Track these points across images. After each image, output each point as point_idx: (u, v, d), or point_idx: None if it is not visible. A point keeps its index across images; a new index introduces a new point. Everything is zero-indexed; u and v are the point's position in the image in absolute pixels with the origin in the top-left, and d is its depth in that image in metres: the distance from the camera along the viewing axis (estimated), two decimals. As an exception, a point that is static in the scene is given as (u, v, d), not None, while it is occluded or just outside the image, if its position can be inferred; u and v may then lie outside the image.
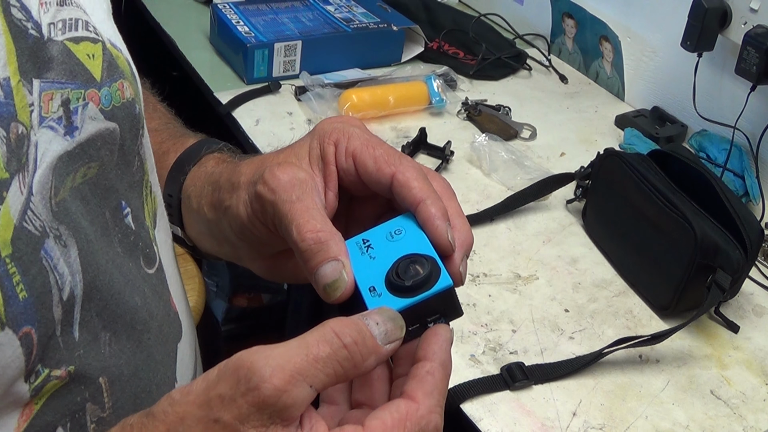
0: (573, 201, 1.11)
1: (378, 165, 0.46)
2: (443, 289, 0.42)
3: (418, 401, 0.39)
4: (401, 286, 0.42)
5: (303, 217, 0.44)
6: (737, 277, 0.88)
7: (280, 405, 0.36)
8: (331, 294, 0.43)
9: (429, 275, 0.42)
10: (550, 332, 0.89)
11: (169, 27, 1.49)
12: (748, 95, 1.11)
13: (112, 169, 0.46)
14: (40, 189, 0.39)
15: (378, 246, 0.45)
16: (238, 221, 0.49)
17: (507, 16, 1.62)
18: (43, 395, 0.40)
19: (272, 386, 0.35)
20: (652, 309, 0.95)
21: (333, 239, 0.43)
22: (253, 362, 0.36)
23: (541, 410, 0.80)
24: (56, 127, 0.40)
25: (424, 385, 0.40)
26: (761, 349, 0.91)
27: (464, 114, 1.31)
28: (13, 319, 0.36)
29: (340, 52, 1.38)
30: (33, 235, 0.38)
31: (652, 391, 0.83)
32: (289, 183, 0.45)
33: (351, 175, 0.48)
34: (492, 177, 1.16)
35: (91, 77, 0.43)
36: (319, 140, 0.48)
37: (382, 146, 0.47)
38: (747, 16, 1.11)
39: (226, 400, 0.36)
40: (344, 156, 0.47)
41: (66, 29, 0.43)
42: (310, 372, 0.37)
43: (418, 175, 0.46)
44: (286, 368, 0.36)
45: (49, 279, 0.38)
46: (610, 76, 1.45)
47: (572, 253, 1.03)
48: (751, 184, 1.13)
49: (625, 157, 1.00)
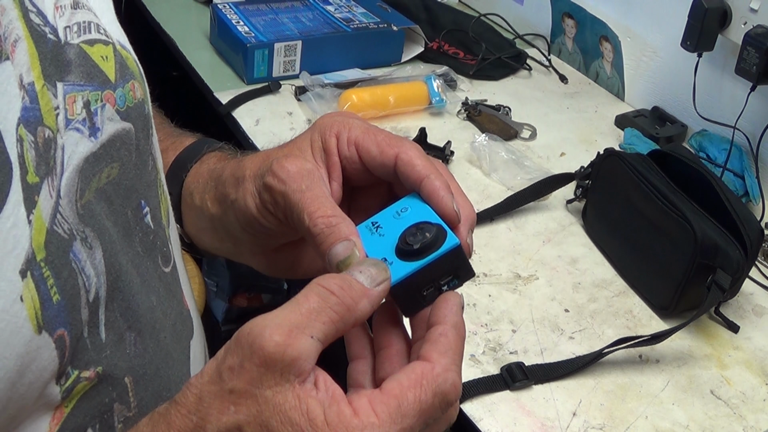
0: (573, 201, 1.11)
1: (381, 148, 0.48)
2: (451, 248, 0.43)
3: (433, 361, 0.40)
4: (410, 250, 0.43)
5: (314, 205, 0.45)
6: (737, 277, 0.88)
7: (287, 359, 0.36)
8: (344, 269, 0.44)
9: (436, 237, 0.43)
10: (550, 332, 0.89)
11: (169, 27, 1.49)
12: (748, 95, 1.11)
13: (131, 169, 0.47)
14: (67, 192, 0.40)
15: (386, 225, 0.46)
16: (245, 214, 0.50)
17: (507, 16, 1.62)
18: (74, 397, 0.40)
19: (274, 343, 0.36)
20: (652, 309, 0.95)
21: (344, 222, 0.45)
22: (252, 328, 0.37)
23: (541, 410, 0.80)
24: (82, 129, 0.41)
25: (437, 346, 0.41)
26: (761, 349, 0.91)
27: (464, 114, 1.31)
28: (49, 322, 0.37)
29: (340, 52, 1.38)
30: (62, 239, 0.38)
31: (652, 391, 0.83)
32: (297, 173, 0.47)
33: (354, 163, 0.49)
34: (492, 177, 1.16)
35: (106, 79, 0.44)
36: (321, 133, 0.50)
37: (382, 132, 0.49)
38: (747, 16, 1.11)
39: (236, 369, 0.37)
40: (347, 145, 0.49)
41: (81, 32, 0.43)
42: (308, 323, 0.38)
43: (421, 154, 0.47)
44: (283, 325, 0.37)
45: (78, 281, 0.39)
46: (610, 76, 1.45)
47: (572, 253, 1.03)
48: (751, 184, 1.13)
49: (625, 157, 1.00)
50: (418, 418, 0.38)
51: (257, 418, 0.36)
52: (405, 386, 0.39)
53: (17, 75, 0.37)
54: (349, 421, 0.37)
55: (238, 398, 0.37)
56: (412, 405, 0.38)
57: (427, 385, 0.39)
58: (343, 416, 0.37)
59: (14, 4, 0.39)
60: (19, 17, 0.39)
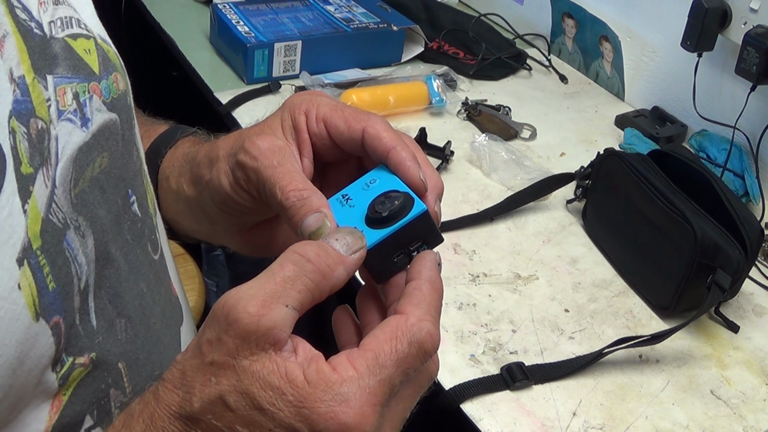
0: (573, 201, 1.11)
1: (348, 123, 0.49)
2: (419, 213, 0.44)
3: (407, 313, 0.41)
4: (379, 218, 0.44)
5: (285, 179, 0.46)
6: (737, 277, 0.88)
7: (261, 329, 0.37)
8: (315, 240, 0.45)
9: (404, 204, 0.44)
10: (550, 332, 0.89)
11: (169, 27, 1.49)
12: (748, 95, 1.11)
13: (119, 158, 0.48)
14: (62, 181, 0.41)
15: (356, 196, 0.47)
16: (220, 192, 0.51)
17: (507, 16, 1.62)
18: (71, 384, 0.41)
19: (248, 314, 0.37)
20: (652, 309, 0.95)
21: (315, 195, 0.46)
22: (227, 301, 0.38)
23: (541, 410, 0.80)
24: (74, 119, 0.42)
25: (411, 299, 0.41)
26: (761, 349, 0.91)
27: (464, 114, 1.31)
28: (46, 309, 0.38)
29: (340, 52, 1.38)
30: (57, 227, 0.39)
31: (652, 391, 0.83)
32: (269, 150, 0.48)
33: (323, 139, 0.50)
34: (492, 177, 1.16)
35: (91, 71, 0.45)
36: (290, 112, 0.51)
37: (349, 108, 0.50)
38: (747, 16, 1.11)
39: (214, 341, 0.38)
40: (315, 122, 0.50)
41: (64, 27, 0.44)
42: (282, 292, 0.38)
43: (387, 127, 0.48)
44: (257, 296, 0.38)
45: (71, 269, 0.40)
46: (610, 76, 1.45)
47: (572, 253, 1.03)
48: (751, 184, 1.13)
49: (625, 157, 1.00)
50: (397, 368, 0.39)
51: (237, 387, 0.37)
52: (381, 339, 0.39)
53: (7, 69, 0.38)
54: (329, 376, 0.37)
55: (218, 370, 0.37)
56: (389, 355, 0.39)
57: (402, 336, 0.39)
58: (322, 373, 0.38)
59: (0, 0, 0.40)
60: (6, 12, 0.40)
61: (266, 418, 0.37)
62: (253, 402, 0.37)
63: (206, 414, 0.37)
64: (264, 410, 0.37)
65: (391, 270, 0.45)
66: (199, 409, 0.37)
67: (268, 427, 0.37)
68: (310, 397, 0.37)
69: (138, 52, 1.96)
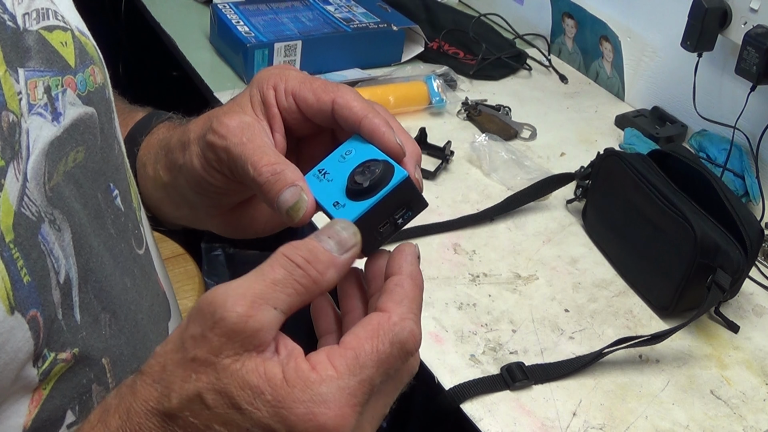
0: (573, 201, 1.11)
1: (317, 95, 0.48)
2: (400, 180, 0.43)
3: (389, 311, 0.40)
4: (360, 189, 0.43)
5: (256, 155, 0.45)
6: (737, 277, 0.88)
7: (248, 330, 0.36)
8: (294, 215, 0.44)
9: (384, 172, 0.43)
10: (550, 332, 0.89)
11: (169, 27, 1.49)
12: (748, 95, 1.11)
13: (97, 152, 0.47)
14: (35, 175, 0.40)
15: (332, 170, 0.46)
16: (194, 175, 0.51)
17: (507, 16, 1.62)
18: (51, 379, 0.41)
19: (236, 314, 0.36)
20: (652, 309, 0.95)
21: (288, 168, 0.45)
22: (215, 297, 0.37)
23: (541, 410, 0.80)
24: (44, 114, 0.42)
25: (393, 296, 0.41)
26: (761, 349, 0.91)
27: (464, 114, 1.31)
28: (21, 302, 0.37)
29: (340, 52, 1.38)
30: (30, 221, 0.39)
31: (652, 391, 0.83)
32: (237, 127, 0.47)
33: (294, 113, 0.49)
34: (492, 177, 1.16)
35: (66, 64, 0.45)
36: (258, 87, 0.50)
37: (318, 80, 0.49)
38: (747, 16, 1.11)
39: (198, 338, 0.37)
40: (284, 96, 0.49)
41: (39, 19, 0.44)
42: (271, 295, 0.38)
43: (357, 96, 0.48)
44: (246, 295, 0.37)
45: (47, 263, 0.40)
46: (610, 76, 1.45)
47: (572, 253, 1.03)
48: (751, 184, 1.13)
49: (625, 157, 1.00)
50: (377, 368, 0.38)
51: (216, 385, 0.36)
52: (362, 338, 0.39)
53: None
54: (307, 375, 0.37)
55: (199, 366, 0.37)
56: (370, 355, 0.38)
57: (384, 335, 0.39)
58: (300, 372, 0.37)
59: None
60: None
61: (244, 418, 0.36)
62: (231, 401, 0.36)
63: (184, 411, 0.37)
64: (242, 410, 0.36)
65: (378, 241, 0.44)
66: (177, 406, 0.37)
67: (245, 426, 0.36)
68: (288, 397, 0.36)
69: (138, 52, 1.96)
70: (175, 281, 1.38)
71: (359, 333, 0.39)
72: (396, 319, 0.39)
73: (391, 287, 0.41)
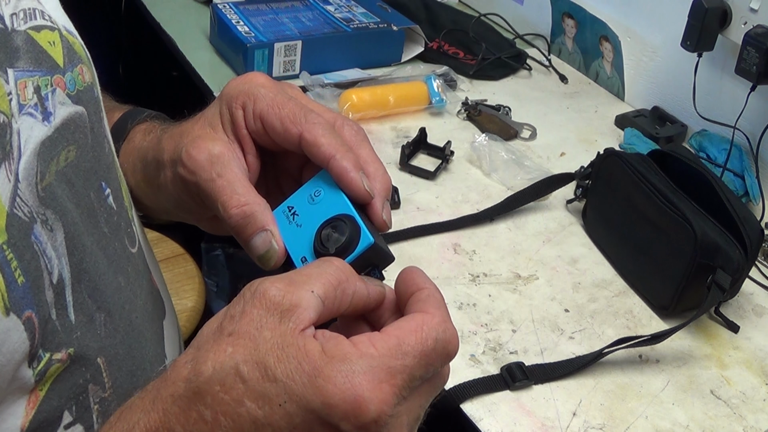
0: (573, 201, 1.11)
1: (285, 126, 0.47)
2: (365, 248, 0.44)
3: (431, 312, 0.40)
4: (326, 254, 0.44)
5: (226, 194, 0.46)
6: (737, 277, 0.88)
7: (286, 303, 0.37)
8: (265, 263, 0.45)
9: (350, 239, 0.44)
10: (550, 332, 0.89)
11: (169, 27, 1.49)
12: (748, 95, 1.11)
13: (88, 151, 0.47)
14: (26, 175, 0.40)
15: (302, 212, 0.47)
16: (173, 197, 0.51)
17: (507, 16, 1.62)
18: (47, 380, 0.40)
19: (276, 288, 0.38)
20: (652, 309, 0.95)
21: (258, 209, 0.45)
22: (253, 282, 0.38)
23: (541, 410, 0.80)
24: (35, 114, 0.42)
25: (430, 302, 0.41)
26: (761, 349, 0.91)
27: (464, 114, 1.31)
28: (16, 303, 0.37)
29: (340, 52, 1.38)
30: (23, 221, 0.39)
31: (652, 391, 0.83)
32: (206, 161, 0.47)
33: (262, 135, 0.48)
34: (492, 177, 1.16)
35: (55, 64, 0.45)
36: (227, 105, 0.49)
37: (287, 105, 0.48)
38: (747, 16, 1.11)
39: (237, 315, 0.38)
40: (252, 119, 0.48)
41: (27, 19, 0.44)
42: (307, 281, 0.39)
43: (325, 131, 0.46)
44: (284, 278, 0.39)
45: (40, 263, 0.39)
46: (610, 76, 1.45)
47: (572, 253, 1.03)
48: (751, 184, 1.13)
49: (625, 157, 1.00)
50: (419, 360, 0.38)
51: (254, 356, 0.36)
52: (406, 329, 0.39)
53: None
54: (347, 349, 0.37)
55: (237, 339, 0.37)
56: (414, 346, 0.38)
57: (429, 331, 0.39)
58: (340, 346, 0.37)
59: None
60: None
61: (278, 390, 0.35)
62: (267, 372, 0.36)
63: (214, 385, 0.36)
64: (277, 381, 0.35)
65: None
66: (208, 378, 0.36)
67: (279, 401, 0.35)
68: (326, 366, 0.36)
69: (138, 52, 1.96)
70: (175, 281, 1.38)
71: (403, 325, 0.39)
72: (439, 320, 0.39)
73: (424, 297, 0.41)
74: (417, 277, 0.43)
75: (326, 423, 0.35)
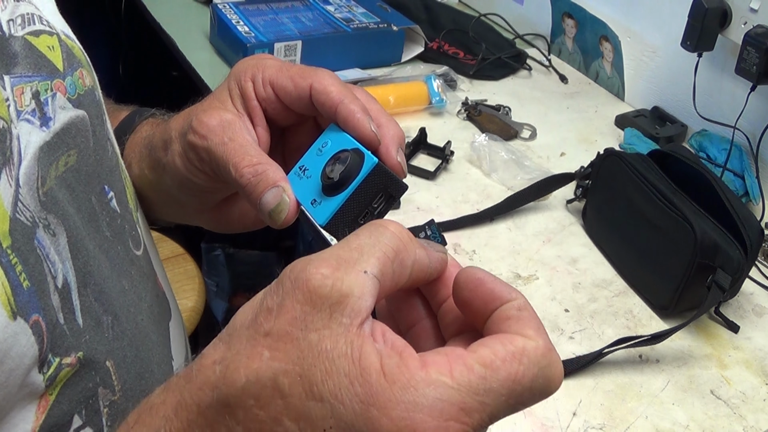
0: (573, 201, 1.11)
1: (295, 81, 0.47)
2: (371, 169, 0.42)
3: (532, 337, 0.32)
4: (332, 184, 0.42)
5: (238, 155, 0.45)
6: (737, 277, 0.88)
7: (335, 294, 0.31)
8: (276, 218, 0.43)
9: (353, 163, 0.42)
10: (550, 332, 0.89)
11: (169, 27, 1.49)
12: (748, 95, 1.11)
13: (90, 155, 0.47)
14: (27, 180, 0.40)
15: (311, 165, 0.46)
16: (177, 174, 0.50)
17: (507, 16, 1.62)
18: (57, 384, 0.40)
19: (321, 275, 0.31)
20: (652, 309, 0.95)
21: (270, 168, 0.44)
22: (295, 265, 0.32)
23: (541, 410, 0.80)
24: (32, 120, 0.41)
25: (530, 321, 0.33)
26: (761, 349, 0.91)
27: (464, 114, 1.31)
28: (22, 307, 0.37)
29: (340, 52, 1.38)
30: (26, 226, 0.39)
31: (652, 391, 0.83)
32: (218, 126, 0.46)
33: (273, 102, 0.48)
34: (492, 177, 1.16)
35: (54, 68, 0.44)
36: (236, 80, 0.49)
37: (296, 66, 0.48)
38: (747, 16, 1.11)
39: (275, 309, 0.31)
40: (262, 86, 0.48)
41: (25, 24, 0.44)
42: (359, 258, 0.32)
43: (335, 81, 0.47)
44: (330, 259, 0.32)
45: (44, 267, 0.39)
46: (610, 76, 1.45)
47: (572, 253, 1.03)
48: (751, 184, 1.13)
49: (625, 157, 1.00)
50: (508, 399, 0.31)
51: (297, 365, 0.30)
52: (500, 356, 0.31)
53: None
54: (413, 373, 0.30)
55: (276, 342, 0.31)
56: (503, 382, 0.30)
57: (531, 364, 0.31)
58: (405, 368, 0.30)
59: None
60: None
61: (325, 412, 0.30)
62: (313, 389, 0.30)
63: (248, 399, 0.31)
64: (324, 401, 0.30)
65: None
66: (241, 390, 0.31)
67: (323, 425, 0.30)
68: (383, 393, 0.29)
69: (138, 52, 1.96)
70: (175, 281, 1.38)
71: (497, 349, 0.31)
72: (544, 350, 0.32)
73: (516, 314, 0.33)
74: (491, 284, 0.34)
75: None
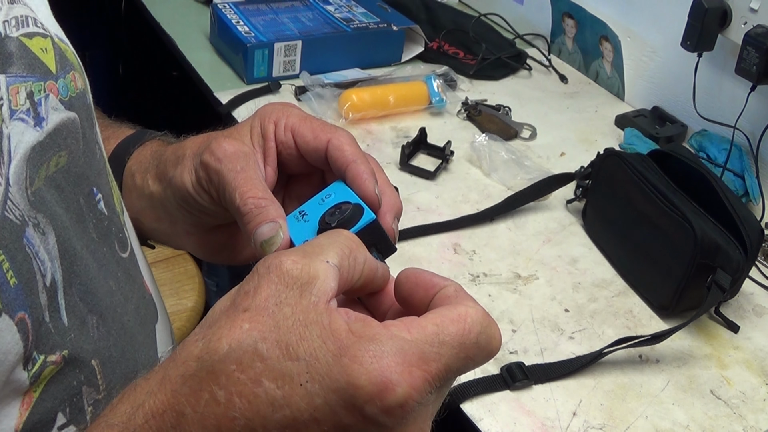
0: (573, 201, 1.11)
1: (315, 134, 0.50)
2: (367, 222, 0.44)
3: (471, 305, 0.37)
4: (328, 229, 0.44)
5: (246, 185, 0.47)
6: (737, 277, 0.88)
7: (304, 276, 0.36)
8: (267, 249, 0.45)
9: (352, 214, 0.45)
10: (550, 332, 0.89)
11: (169, 27, 1.49)
12: (748, 95, 1.11)
13: (80, 157, 0.47)
14: (17, 180, 0.40)
15: (311, 211, 0.48)
16: (181, 190, 0.52)
17: (507, 16, 1.62)
18: (41, 382, 0.41)
19: (291, 261, 0.36)
20: (652, 309, 0.95)
21: (273, 206, 0.46)
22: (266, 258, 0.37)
23: (541, 410, 0.80)
24: (26, 119, 0.42)
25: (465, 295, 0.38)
26: (761, 349, 0.91)
27: (464, 114, 1.31)
28: (8, 305, 0.37)
29: (340, 52, 1.38)
30: (15, 224, 0.39)
31: (652, 391, 0.83)
32: (234, 154, 0.49)
33: (290, 148, 0.51)
34: (492, 177, 1.16)
35: (48, 70, 0.45)
36: (261, 120, 0.52)
37: (318, 120, 0.51)
38: (747, 16, 1.11)
39: (251, 291, 0.36)
40: (283, 131, 0.51)
41: (19, 26, 0.44)
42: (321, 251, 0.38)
43: (352, 141, 0.49)
44: (297, 251, 0.38)
45: (33, 265, 0.40)
46: (610, 76, 1.45)
47: (572, 253, 1.03)
48: (751, 184, 1.13)
49: (625, 157, 1.00)
50: (459, 352, 0.35)
51: (274, 333, 0.34)
52: (447, 318, 0.36)
53: None
54: (377, 330, 0.34)
55: (253, 315, 0.35)
56: (453, 336, 0.35)
57: (473, 323, 0.36)
58: (369, 327, 0.35)
59: None
60: None
61: (301, 369, 0.33)
62: (289, 351, 0.34)
63: (230, 364, 0.34)
64: (299, 360, 0.33)
65: None
66: (223, 357, 0.34)
67: (300, 381, 0.33)
68: (353, 345, 0.34)
69: (138, 52, 1.96)
70: (175, 281, 1.38)
71: (444, 312, 0.36)
72: (483, 314, 0.37)
73: (454, 292, 0.39)
74: (429, 276, 0.40)
75: (350, 405, 0.33)
